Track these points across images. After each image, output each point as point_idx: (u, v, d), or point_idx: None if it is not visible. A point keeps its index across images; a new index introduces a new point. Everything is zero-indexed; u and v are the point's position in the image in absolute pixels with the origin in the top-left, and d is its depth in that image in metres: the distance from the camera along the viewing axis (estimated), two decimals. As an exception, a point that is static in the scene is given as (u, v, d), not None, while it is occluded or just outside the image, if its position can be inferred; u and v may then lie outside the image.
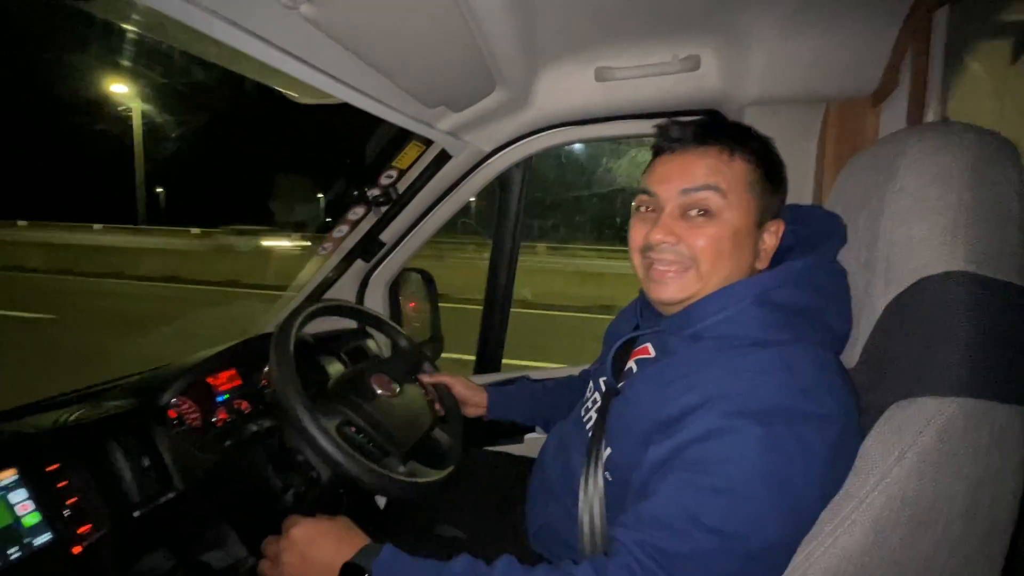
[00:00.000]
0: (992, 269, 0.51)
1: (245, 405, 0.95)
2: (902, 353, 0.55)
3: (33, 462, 0.64)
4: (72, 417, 0.72)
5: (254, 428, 0.86)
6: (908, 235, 0.56)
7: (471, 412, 1.07)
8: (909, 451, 0.49)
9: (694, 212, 0.63)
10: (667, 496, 0.53)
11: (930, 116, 0.82)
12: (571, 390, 1.05)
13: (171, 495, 0.73)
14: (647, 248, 0.66)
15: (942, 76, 0.83)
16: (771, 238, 0.66)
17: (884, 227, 0.58)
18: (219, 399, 0.93)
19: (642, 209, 0.69)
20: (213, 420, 0.88)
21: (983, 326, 0.50)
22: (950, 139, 0.55)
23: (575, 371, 1.16)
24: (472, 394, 1.06)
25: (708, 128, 0.65)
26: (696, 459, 0.53)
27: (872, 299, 0.60)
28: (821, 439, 0.52)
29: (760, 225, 0.65)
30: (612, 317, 0.90)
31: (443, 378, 1.07)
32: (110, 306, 7.70)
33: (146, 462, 0.73)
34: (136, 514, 0.69)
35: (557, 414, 1.00)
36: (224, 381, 0.94)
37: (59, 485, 0.64)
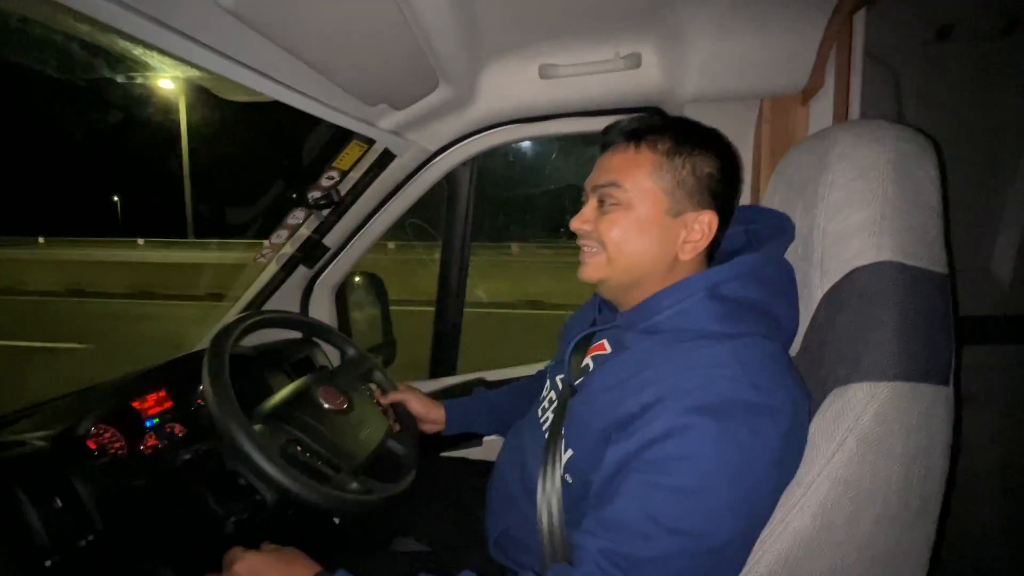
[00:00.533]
0: (916, 258, 0.54)
1: (179, 429, 0.88)
2: (839, 340, 0.57)
3: None
4: None
5: (187, 455, 0.79)
6: (840, 227, 0.58)
7: (428, 429, 1.02)
8: (849, 436, 0.51)
9: (605, 204, 0.68)
10: (629, 499, 0.54)
11: (853, 113, 0.87)
12: (529, 392, 1.03)
13: (90, 537, 0.66)
14: (576, 235, 0.72)
15: (863, 75, 0.88)
16: (697, 230, 0.66)
17: (818, 219, 0.61)
18: (148, 423, 0.85)
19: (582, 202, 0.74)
20: (140, 448, 0.81)
21: (908, 313, 0.53)
22: (874, 136, 0.59)
23: (531, 370, 1.16)
24: (428, 410, 1.01)
25: (626, 128, 0.69)
26: (655, 459, 0.54)
27: (810, 290, 0.63)
28: (774, 430, 0.53)
29: (676, 215, 0.66)
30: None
31: (398, 396, 1.01)
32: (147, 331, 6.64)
33: (58, 503, 0.65)
34: (48, 563, 0.62)
35: (517, 419, 0.99)
36: (152, 404, 0.86)
37: None
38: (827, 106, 0.91)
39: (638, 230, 0.66)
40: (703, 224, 0.66)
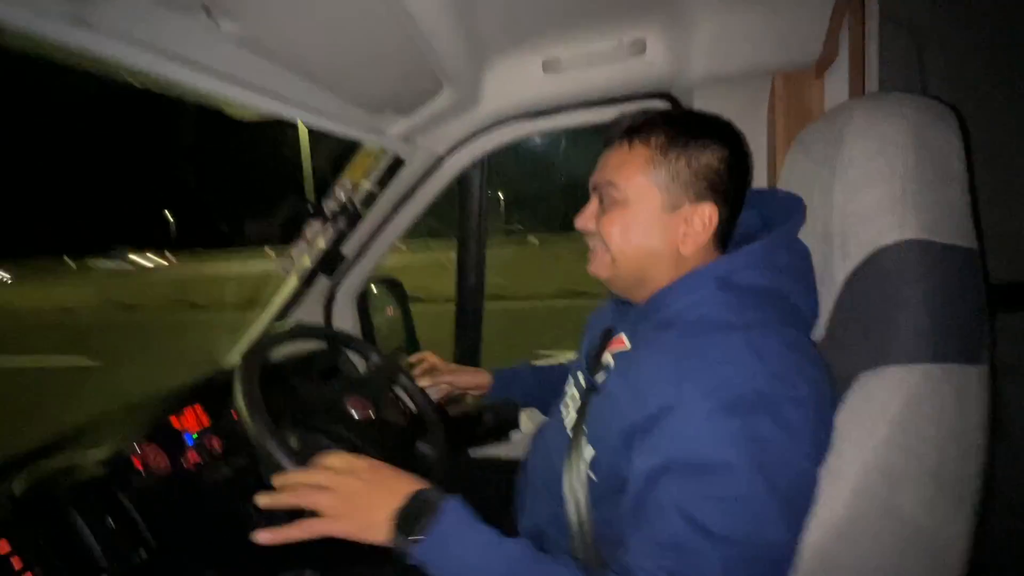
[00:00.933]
0: (941, 234, 0.52)
1: (218, 443, 0.91)
2: (865, 324, 0.56)
3: None
4: (22, 486, 0.67)
5: (227, 469, 0.82)
6: (860, 206, 0.56)
7: (475, 394, 1.08)
8: (880, 421, 0.50)
9: (604, 202, 0.69)
10: (673, 515, 0.51)
11: (870, 85, 0.84)
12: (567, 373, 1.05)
13: (144, 554, 0.70)
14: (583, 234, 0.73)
15: (879, 45, 0.85)
16: (697, 222, 0.65)
17: (837, 199, 0.59)
18: (188, 440, 0.88)
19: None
20: (183, 464, 0.84)
21: (937, 292, 0.51)
22: (891, 108, 0.56)
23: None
24: (473, 378, 1.06)
25: (623, 126, 0.69)
26: (690, 469, 0.52)
27: (832, 272, 0.61)
28: (801, 421, 0.52)
29: (674, 209, 0.65)
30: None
31: (444, 378, 1.05)
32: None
33: (111, 523, 0.69)
34: None
35: (554, 395, 1.02)
36: (191, 420, 0.90)
37: (16, 566, 0.59)
38: (843, 79, 0.88)
39: (636, 227, 0.66)
40: (703, 217, 0.65)
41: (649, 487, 0.54)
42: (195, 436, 0.89)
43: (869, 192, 0.56)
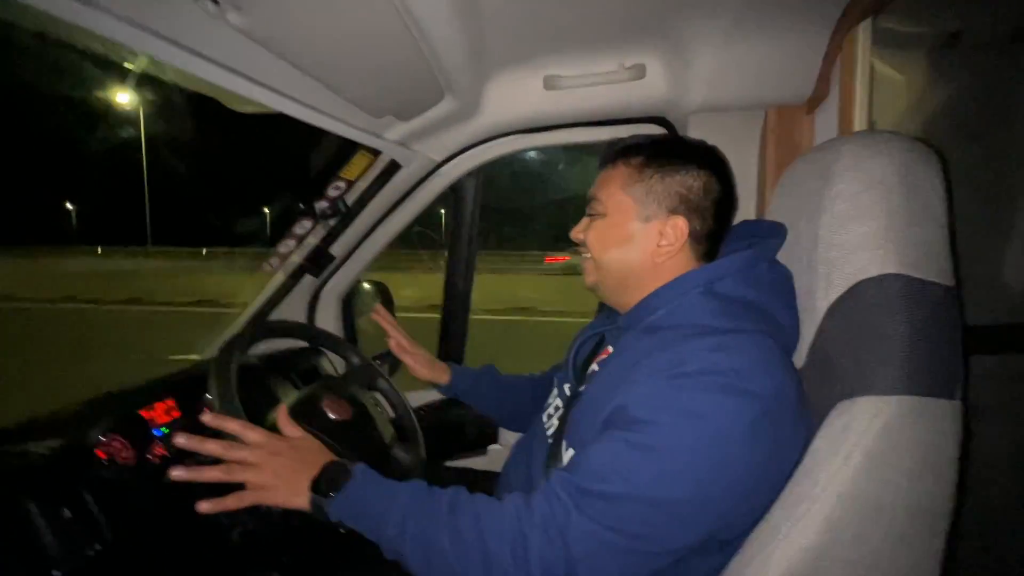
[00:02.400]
0: (921, 271, 0.54)
1: (186, 437, 0.89)
2: (844, 354, 0.57)
3: None
4: None
5: (193, 464, 0.79)
6: (845, 239, 0.58)
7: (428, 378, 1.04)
8: (855, 450, 0.51)
9: (591, 215, 0.75)
10: (597, 447, 0.58)
11: (858, 123, 0.87)
12: (534, 385, 1.05)
13: (98, 547, 0.67)
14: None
15: (869, 85, 0.88)
16: (669, 233, 0.69)
17: (823, 231, 0.61)
18: (156, 432, 0.86)
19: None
20: (148, 456, 0.81)
21: (915, 326, 0.52)
22: (880, 148, 0.58)
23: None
24: (430, 371, 1.02)
25: (611, 149, 0.76)
26: (626, 418, 0.58)
27: (815, 301, 0.62)
28: (746, 411, 0.54)
29: (647, 220, 0.70)
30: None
31: (406, 359, 1.01)
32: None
33: (67, 513, 0.66)
34: (56, 573, 0.62)
35: (515, 407, 1.03)
36: (161, 413, 0.87)
37: None
38: (832, 116, 0.91)
39: (613, 236, 0.72)
40: (675, 228, 0.69)
41: (596, 433, 0.61)
42: (164, 429, 0.87)
43: (854, 226, 0.57)
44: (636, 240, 0.70)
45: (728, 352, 0.57)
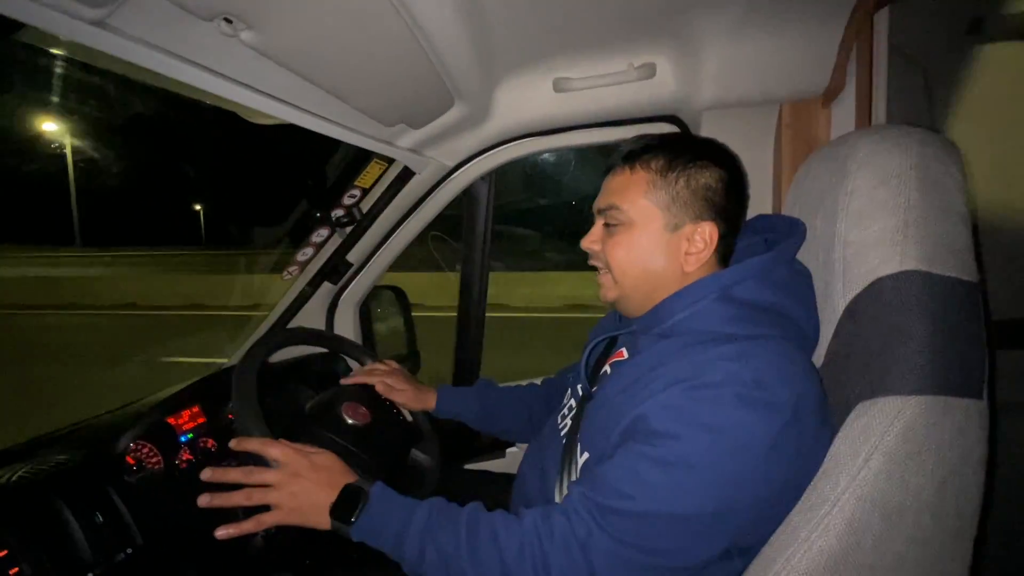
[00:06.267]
0: (941, 267, 0.52)
1: (211, 443, 0.91)
2: (863, 353, 0.55)
3: None
4: (13, 476, 0.67)
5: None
6: (862, 236, 0.57)
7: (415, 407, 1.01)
8: (876, 452, 0.50)
9: (610, 225, 0.71)
10: (618, 461, 0.58)
11: (877, 116, 0.84)
12: (529, 397, 1.05)
13: (129, 550, 0.69)
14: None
15: (887, 76, 0.85)
16: (698, 240, 0.67)
17: (839, 228, 0.59)
18: (182, 439, 0.89)
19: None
20: (176, 462, 0.84)
21: (936, 323, 0.51)
22: (896, 141, 0.57)
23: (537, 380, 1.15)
24: (416, 401, 0.99)
25: (624, 151, 0.72)
26: (646, 431, 0.57)
27: (833, 300, 0.61)
28: (767, 424, 0.53)
29: (675, 228, 0.67)
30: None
31: (393, 396, 0.97)
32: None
33: (99, 517, 0.69)
34: None
35: (509, 421, 1.01)
36: (187, 420, 0.90)
37: (2, 557, 0.59)
38: (849, 108, 0.89)
39: (641, 247, 0.68)
40: (703, 235, 0.67)
41: (616, 445, 0.60)
42: (189, 435, 0.89)
43: (871, 222, 0.56)
44: (664, 250, 0.68)
45: (747, 361, 0.56)
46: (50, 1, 0.46)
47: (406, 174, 1.18)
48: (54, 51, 0.72)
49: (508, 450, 1.36)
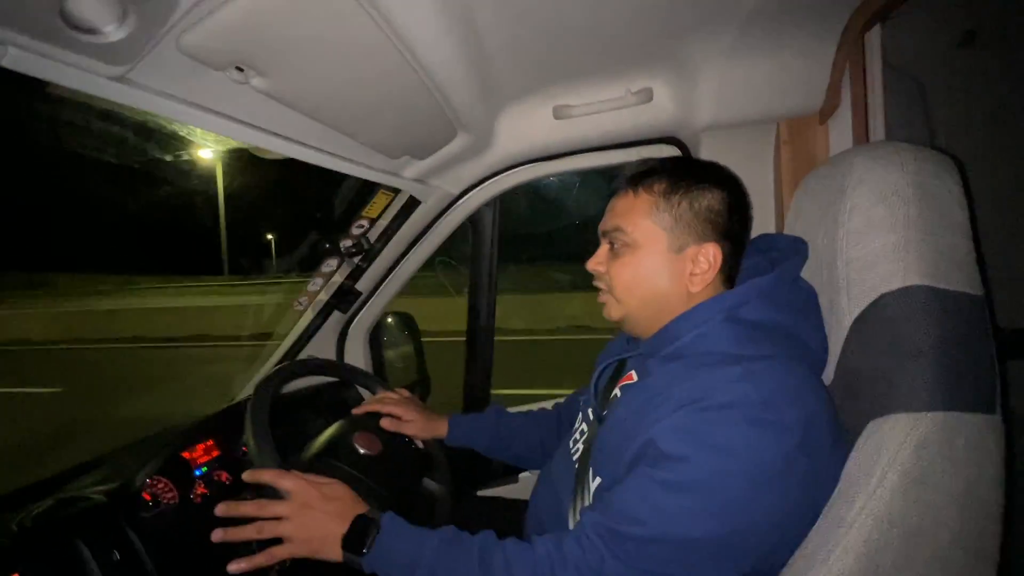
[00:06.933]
0: (945, 281, 0.53)
1: (225, 476, 0.92)
2: (872, 369, 0.55)
3: None
4: (32, 516, 0.68)
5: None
6: (864, 252, 0.57)
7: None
8: (890, 470, 0.49)
9: (614, 247, 0.72)
10: (630, 486, 0.57)
11: (874, 131, 0.85)
12: (543, 422, 1.04)
13: None
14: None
15: (882, 92, 0.87)
16: (702, 261, 0.67)
17: (841, 245, 0.60)
18: (197, 472, 0.89)
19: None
20: (191, 496, 0.85)
21: (944, 338, 0.51)
22: (891, 159, 0.58)
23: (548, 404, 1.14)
24: (426, 431, 0.97)
25: (627, 175, 0.73)
26: (656, 455, 0.57)
27: (838, 317, 0.61)
28: (776, 446, 0.52)
29: (679, 250, 0.68)
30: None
31: (403, 428, 0.95)
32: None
33: (116, 555, 0.69)
34: None
35: (521, 448, 1.01)
36: (201, 453, 0.91)
37: None
38: (846, 125, 0.90)
39: (645, 269, 0.69)
40: (707, 256, 0.67)
41: (627, 468, 0.60)
42: (204, 468, 0.90)
43: (872, 239, 0.56)
44: (669, 271, 0.68)
45: (755, 381, 0.56)
46: (74, 60, 0.49)
47: (412, 203, 1.20)
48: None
49: (521, 475, 1.35)
